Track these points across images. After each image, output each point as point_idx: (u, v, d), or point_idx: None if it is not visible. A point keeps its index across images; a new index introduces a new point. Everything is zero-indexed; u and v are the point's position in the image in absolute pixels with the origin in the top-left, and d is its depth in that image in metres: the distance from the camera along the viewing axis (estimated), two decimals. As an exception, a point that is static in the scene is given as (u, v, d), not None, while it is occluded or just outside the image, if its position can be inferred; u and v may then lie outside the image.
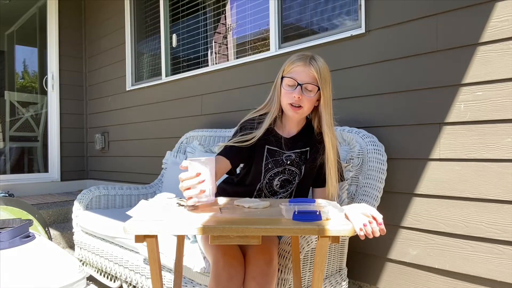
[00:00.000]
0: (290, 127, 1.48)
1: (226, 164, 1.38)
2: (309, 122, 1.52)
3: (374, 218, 1.07)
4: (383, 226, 1.07)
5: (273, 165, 1.45)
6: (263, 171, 1.45)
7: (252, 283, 1.22)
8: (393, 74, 1.87)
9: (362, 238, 1.05)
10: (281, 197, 1.49)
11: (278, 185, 1.47)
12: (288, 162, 1.46)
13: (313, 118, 1.49)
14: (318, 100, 1.40)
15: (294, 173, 1.47)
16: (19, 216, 2.19)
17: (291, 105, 1.37)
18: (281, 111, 1.46)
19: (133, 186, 2.71)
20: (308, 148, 1.47)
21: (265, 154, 1.45)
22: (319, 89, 1.35)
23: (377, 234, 1.05)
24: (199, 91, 3.01)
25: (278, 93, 1.42)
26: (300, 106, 1.36)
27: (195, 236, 1.65)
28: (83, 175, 4.53)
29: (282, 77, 1.40)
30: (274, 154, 1.45)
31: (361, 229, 1.04)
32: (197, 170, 1.09)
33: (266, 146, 1.45)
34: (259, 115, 1.47)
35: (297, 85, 1.34)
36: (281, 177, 1.46)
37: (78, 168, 4.49)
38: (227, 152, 1.40)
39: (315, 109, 1.45)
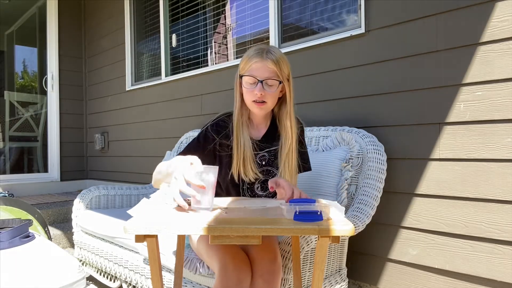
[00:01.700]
0: (258, 123, 1.45)
1: None
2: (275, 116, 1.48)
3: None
4: None
5: None
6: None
7: (259, 281, 1.22)
8: (393, 74, 1.87)
9: None
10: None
11: (259, 188, 1.43)
12: (263, 163, 1.42)
13: (277, 111, 1.45)
14: (281, 91, 1.37)
15: (272, 172, 1.43)
16: (19, 216, 2.19)
17: (255, 102, 1.33)
18: (248, 109, 1.42)
19: (133, 186, 2.71)
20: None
21: None
22: (280, 82, 1.33)
23: None
24: (199, 91, 3.01)
25: (238, 93, 1.38)
26: (264, 101, 1.33)
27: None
28: (83, 175, 4.53)
29: (241, 76, 1.35)
30: None
31: None
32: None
33: None
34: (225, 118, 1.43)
35: (258, 82, 1.31)
36: (260, 180, 1.42)
37: (77, 168, 4.49)
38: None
39: (278, 100, 1.41)
